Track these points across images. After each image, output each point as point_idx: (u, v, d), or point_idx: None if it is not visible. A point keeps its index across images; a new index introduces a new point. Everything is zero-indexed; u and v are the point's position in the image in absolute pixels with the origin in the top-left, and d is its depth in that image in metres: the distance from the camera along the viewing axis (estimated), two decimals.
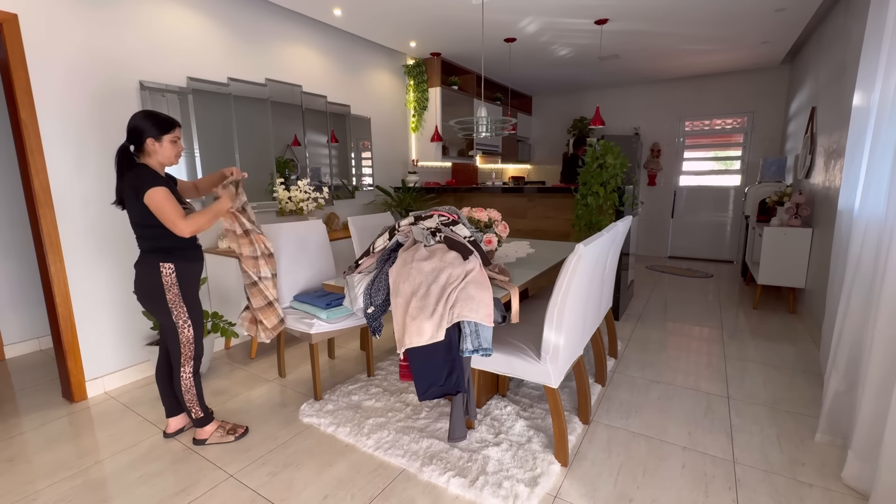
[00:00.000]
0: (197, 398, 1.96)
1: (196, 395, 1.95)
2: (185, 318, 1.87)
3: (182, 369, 1.91)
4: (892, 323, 1.55)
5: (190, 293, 1.88)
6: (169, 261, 1.80)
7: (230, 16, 3.13)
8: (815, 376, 2.57)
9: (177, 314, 1.85)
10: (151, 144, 1.76)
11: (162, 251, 1.80)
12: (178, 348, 1.89)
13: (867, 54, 2.07)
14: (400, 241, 1.96)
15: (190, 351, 1.91)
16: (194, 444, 2.01)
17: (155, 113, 1.79)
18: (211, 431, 2.02)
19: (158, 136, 1.76)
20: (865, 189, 1.88)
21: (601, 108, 6.27)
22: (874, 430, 1.60)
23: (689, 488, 1.69)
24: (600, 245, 1.84)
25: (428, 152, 5.03)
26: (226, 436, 2.03)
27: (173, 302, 1.83)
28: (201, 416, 1.98)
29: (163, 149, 1.79)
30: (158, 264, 1.79)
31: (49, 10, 2.26)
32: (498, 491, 1.65)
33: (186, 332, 1.88)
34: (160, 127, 1.76)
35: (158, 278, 1.80)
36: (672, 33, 4.20)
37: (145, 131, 1.75)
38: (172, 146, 1.81)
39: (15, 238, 3.18)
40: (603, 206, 3.37)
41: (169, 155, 1.81)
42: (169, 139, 1.79)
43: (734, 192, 6.05)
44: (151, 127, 1.75)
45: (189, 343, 1.90)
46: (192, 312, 1.89)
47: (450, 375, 1.69)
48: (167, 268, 1.80)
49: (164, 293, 1.81)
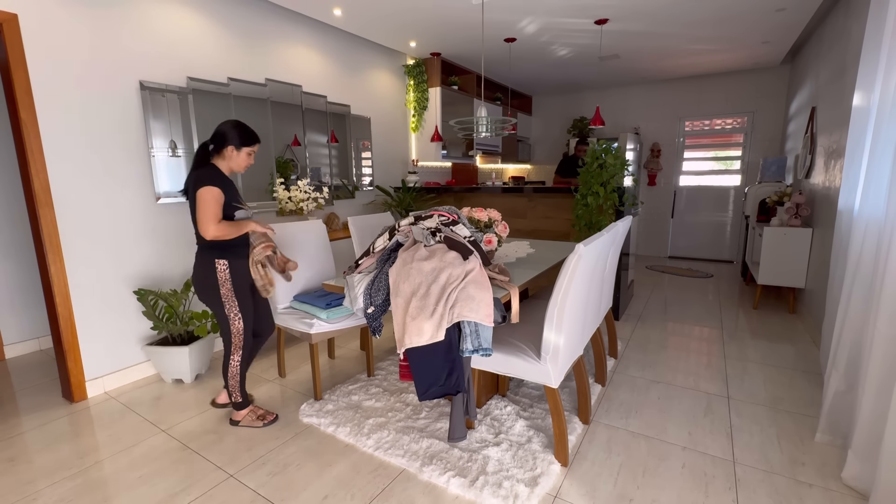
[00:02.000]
0: (239, 385, 2.10)
1: (239, 382, 2.10)
2: (237, 312, 2.02)
3: (231, 357, 2.07)
4: (892, 323, 1.55)
5: (241, 288, 2.02)
6: (224, 258, 1.96)
7: (230, 16, 3.13)
8: (815, 376, 2.57)
9: (229, 307, 2.00)
10: (230, 151, 1.96)
11: (218, 248, 1.95)
12: (230, 338, 2.05)
13: (867, 54, 2.07)
14: (400, 241, 1.96)
15: (240, 341, 2.06)
16: (230, 424, 2.16)
17: (244, 126, 1.99)
18: (244, 415, 2.15)
19: (239, 147, 1.96)
20: (865, 189, 1.88)
21: (601, 108, 6.27)
22: (874, 430, 1.60)
23: (689, 488, 1.69)
24: (600, 245, 1.84)
25: (428, 152, 5.03)
26: (255, 421, 2.14)
27: (226, 296, 1.99)
28: (240, 400, 2.13)
29: (238, 158, 1.98)
30: (214, 261, 1.95)
31: (49, 10, 2.27)
32: (498, 491, 1.65)
33: (237, 323, 2.03)
34: (243, 139, 1.97)
35: (214, 274, 1.95)
36: (672, 33, 4.20)
37: (230, 138, 1.94)
38: (247, 158, 2.01)
39: (15, 238, 3.18)
40: (603, 206, 3.37)
41: (241, 164, 2.01)
42: (246, 151, 1.99)
43: (734, 192, 6.05)
44: (236, 137, 1.95)
45: (239, 334, 2.05)
46: (242, 306, 2.03)
47: (450, 375, 1.69)
48: (222, 264, 1.96)
49: (218, 288, 1.97)
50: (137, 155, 2.64)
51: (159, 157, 2.73)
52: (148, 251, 2.73)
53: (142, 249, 2.70)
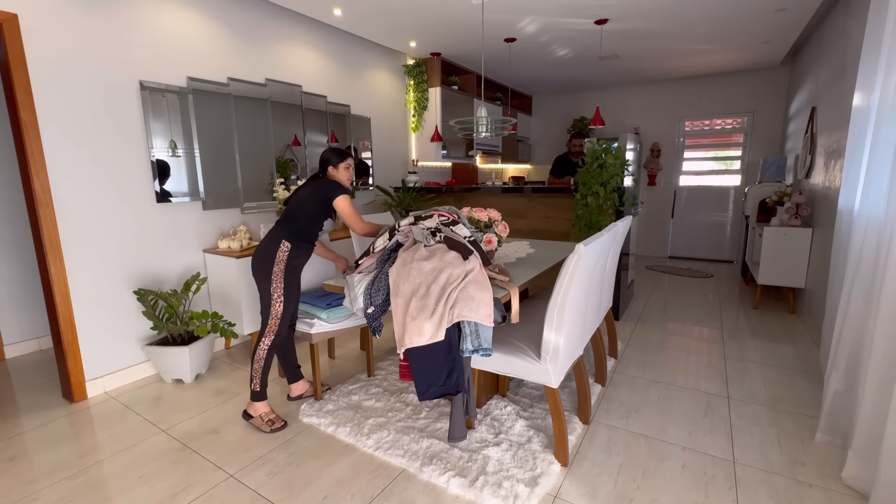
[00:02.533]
0: (262, 372, 2.12)
1: (262, 368, 2.12)
2: (280, 294, 2.09)
3: (263, 339, 2.11)
4: (892, 323, 1.55)
5: (292, 275, 2.12)
6: (291, 241, 2.09)
7: (230, 16, 3.13)
8: (815, 376, 2.57)
9: (275, 286, 2.08)
10: (332, 170, 2.21)
11: (289, 233, 2.11)
12: (267, 319, 2.11)
13: (867, 54, 2.07)
14: (400, 241, 1.96)
15: (275, 325, 2.10)
16: (243, 418, 2.18)
17: (336, 148, 2.25)
18: (258, 412, 2.15)
19: (336, 165, 2.21)
20: (865, 189, 1.88)
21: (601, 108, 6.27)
22: (874, 429, 1.60)
23: (689, 488, 1.69)
24: (600, 245, 1.84)
25: (428, 152, 5.02)
26: (263, 424, 2.12)
27: (276, 275, 2.08)
28: (258, 389, 2.13)
29: (338, 173, 2.22)
30: (281, 240, 2.09)
31: (49, 10, 2.26)
32: (498, 491, 1.65)
33: (277, 306, 2.09)
34: (338, 157, 2.21)
35: (275, 251, 2.08)
36: (672, 33, 4.20)
37: (329, 160, 2.20)
38: (346, 171, 2.23)
39: (15, 238, 3.18)
40: (603, 206, 3.37)
41: (344, 178, 2.23)
42: (343, 166, 2.21)
43: (734, 192, 6.04)
44: (333, 157, 2.20)
45: (276, 317, 2.10)
46: (287, 291, 2.10)
47: (450, 375, 1.69)
48: (286, 245, 2.08)
49: (272, 265, 2.08)
50: (137, 155, 2.64)
51: (159, 157, 2.73)
52: (148, 251, 2.73)
53: (142, 249, 2.70)
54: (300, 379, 2.41)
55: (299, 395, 2.40)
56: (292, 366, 2.38)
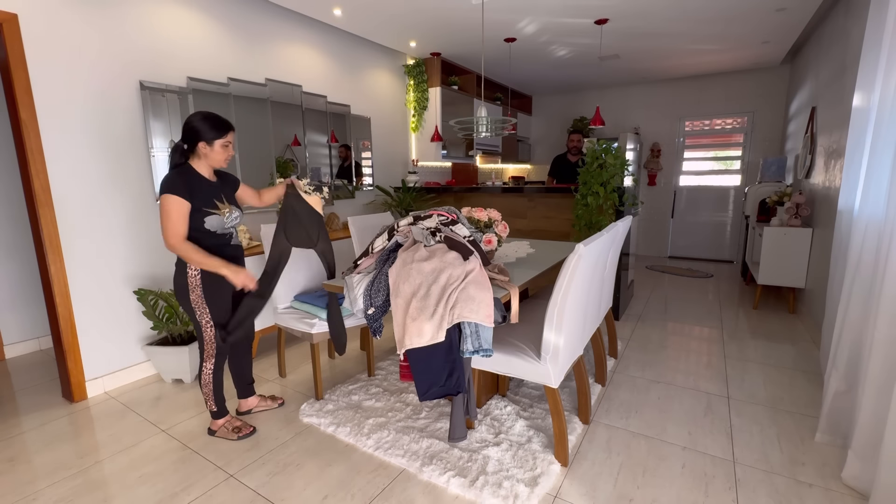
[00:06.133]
0: (213, 393, 2.03)
1: (213, 390, 2.03)
2: (208, 319, 1.92)
3: (204, 364, 2.00)
4: (892, 323, 1.55)
5: (214, 296, 1.91)
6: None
7: (230, 16, 3.13)
8: (815, 376, 2.57)
9: (199, 314, 1.91)
10: (203, 148, 1.82)
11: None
12: (202, 345, 1.97)
13: (867, 54, 2.07)
14: (399, 242, 1.96)
15: (212, 349, 1.97)
16: (208, 434, 2.11)
17: (212, 116, 1.82)
18: (220, 425, 2.09)
19: (211, 141, 1.81)
20: (865, 189, 1.88)
21: (601, 108, 6.27)
22: (874, 430, 1.60)
23: (689, 488, 1.69)
24: (600, 245, 1.84)
25: (428, 152, 5.02)
26: (230, 433, 2.07)
27: (196, 302, 1.89)
28: (214, 409, 2.06)
29: (213, 153, 1.84)
30: (185, 265, 1.85)
31: (49, 10, 2.26)
32: (498, 491, 1.65)
33: (209, 331, 1.94)
34: (215, 130, 1.81)
35: (185, 278, 1.86)
36: (672, 33, 4.20)
37: (200, 133, 1.79)
38: (223, 150, 1.85)
39: (15, 238, 3.18)
40: (603, 206, 3.37)
41: (219, 159, 1.86)
42: (220, 143, 1.83)
43: (734, 192, 6.05)
44: (208, 130, 1.79)
45: (211, 342, 1.96)
46: (214, 314, 1.92)
47: (450, 376, 1.69)
48: (193, 269, 1.85)
49: (188, 293, 1.87)
50: (137, 155, 2.64)
51: (159, 157, 2.73)
52: (148, 251, 2.72)
53: (142, 249, 2.70)
54: (252, 395, 2.28)
55: (248, 410, 2.27)
56: (245, 381, 2.24)
